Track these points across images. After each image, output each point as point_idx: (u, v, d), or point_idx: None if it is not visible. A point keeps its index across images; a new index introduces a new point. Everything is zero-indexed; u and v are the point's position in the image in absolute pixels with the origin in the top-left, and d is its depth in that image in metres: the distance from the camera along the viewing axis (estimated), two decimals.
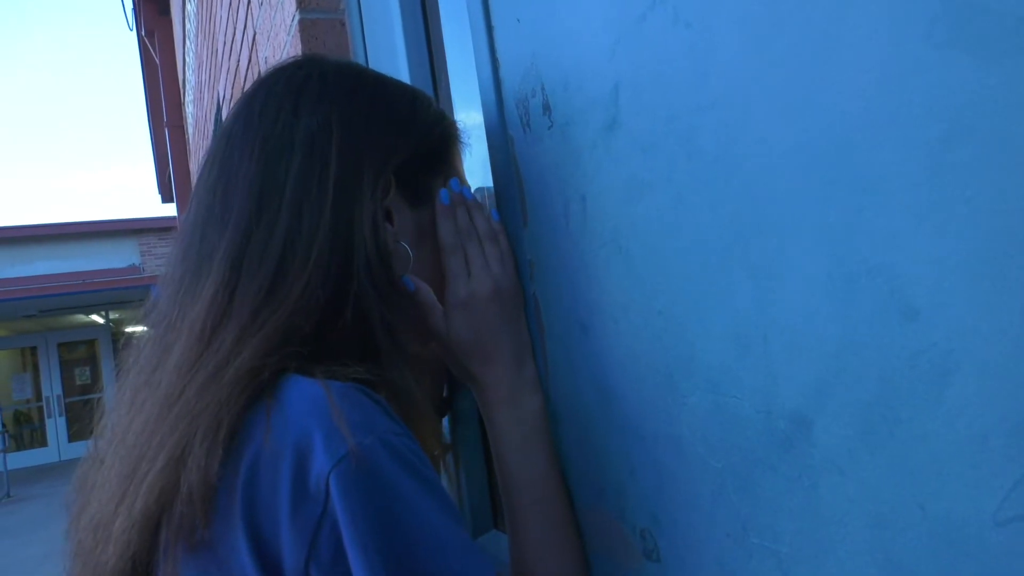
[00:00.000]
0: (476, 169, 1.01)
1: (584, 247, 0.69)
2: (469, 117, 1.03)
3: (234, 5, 2.15)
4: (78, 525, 0.60)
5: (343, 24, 1.34)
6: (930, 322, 0.39)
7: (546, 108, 0.72)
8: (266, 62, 1.64)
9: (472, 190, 1.07)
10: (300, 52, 1.32)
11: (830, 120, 0.43)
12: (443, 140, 0.72)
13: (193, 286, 0.60)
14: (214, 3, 2.60)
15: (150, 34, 8.86)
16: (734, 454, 0.54)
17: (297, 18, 1.30)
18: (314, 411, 0.51)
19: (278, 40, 1.48)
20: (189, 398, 0.54)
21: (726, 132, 0.51)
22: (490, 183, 0.86)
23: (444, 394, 0.99)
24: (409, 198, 0.68)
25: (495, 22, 0.80)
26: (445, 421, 1.02)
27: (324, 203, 0.60)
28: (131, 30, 9.18)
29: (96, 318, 15.00)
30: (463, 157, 0.78)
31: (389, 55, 1.17)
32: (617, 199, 0.63)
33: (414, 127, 0.69)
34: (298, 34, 1.31)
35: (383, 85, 0.70)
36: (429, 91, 1.10)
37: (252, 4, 1.77)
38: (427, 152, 0.70)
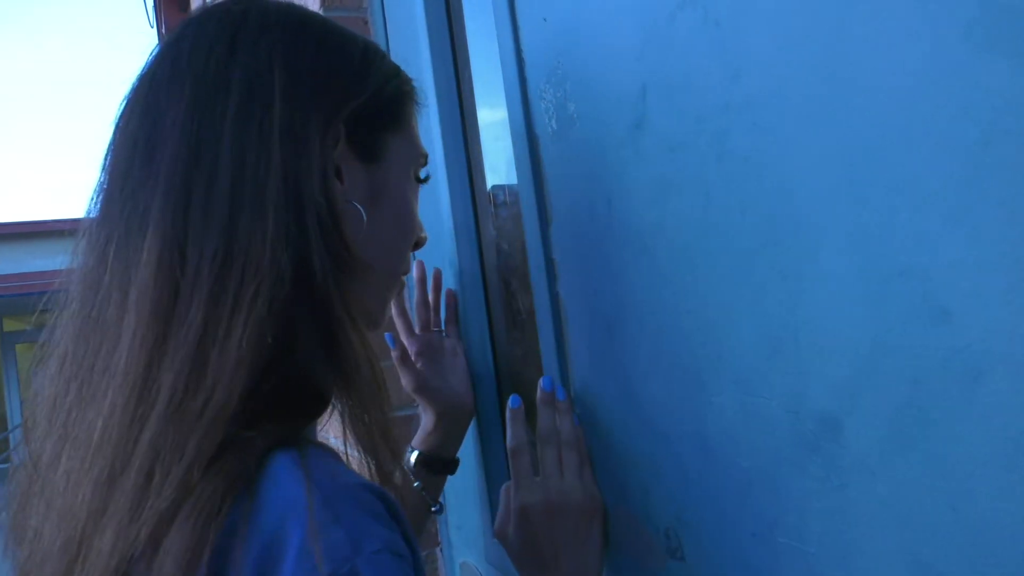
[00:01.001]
0: (499, 167, 1.02)
1: (609, 246, 0.69)
2: (493, 115, 1.04)
3: None
4: (23, 539, 0.53)
5: (366, 22, 1.35)
6: (963, 324, 0.39)
7: (572, 107, 0.72)
8: None
9: (494, 185, 1.07)
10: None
11: (864, 121, 0.43)
12: (398, 95, 0.65)
13: (124, 251, 0.52)
14: None
15: (170, 32, 8.91)
16: (761, 454, 0.54)
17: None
18: (290, 523, 0.44)
19: None
20: (176, 394, 0.47)
21: (758, 133, 0.51)
22: (514, 181, 0.86)
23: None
24: (361, 153, 0.60)
25: (520, 21, 0.80)
26: (472, 435, 1.02)
27: (270, 151, 0.52)
28: (152, 27, 9.23)
29: None
30: (419, 119, 0.71)
31: (412, 52, 1.18)
32: (644, 199, 0.64)
33: (367, 76, 0.61)
34: None
35: (332, 29, 0.62)
36: (452, 90, 1.11)
37: None
38: (381, 105, 0.62)
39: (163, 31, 9.14)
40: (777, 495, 0.53)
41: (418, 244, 0.69)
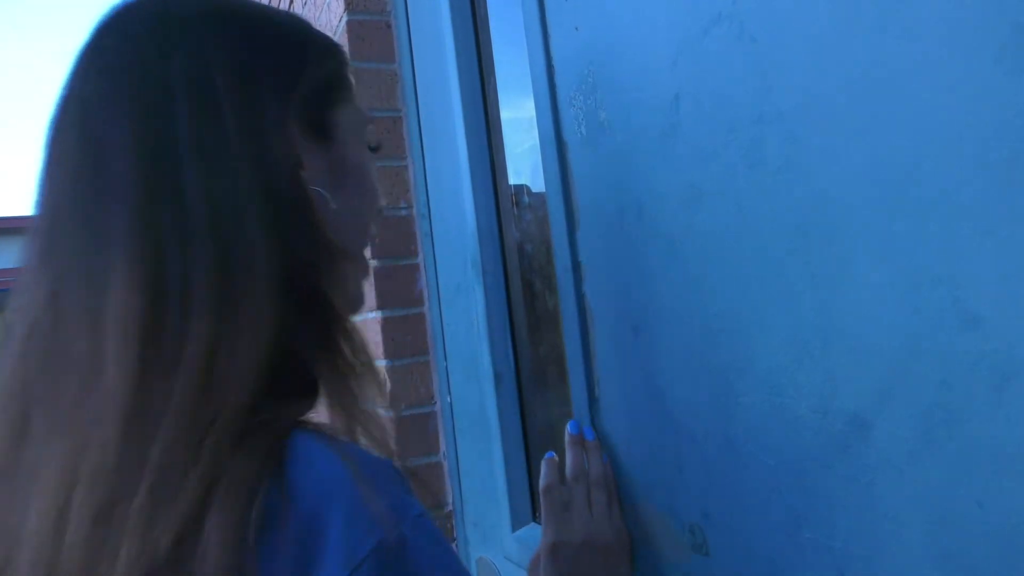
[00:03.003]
0: (525, 170, 1.04)
1: (638, 251, 0.71)
2: (519, 119, 1.06)
3: (273, 2, 2.18)
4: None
5: (389, 25, 1.37)
6: (992, 330, 0.41)
7: (603, 114, 0.74)
8: None
9: (515, 185, 1.09)
10: (347, 52, 1.35)
11: (898, 137, 0.45)
12: (336, 67, 0.62)
13: (84, 282, 0.50)
14: None
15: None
16: (789, 453, 0.56)
17: (345, 19, 1.33)
18: (329, 499, 0.45)
19: None
20: (185, 409, 0.46)
21: (791, 144, 0.53)
22: (537, 183, 0.89)
23: None
24: (315, 135, 0.58)
25: (551, 29, 0.83)
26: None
27: (231, 153, 0.51)
28: None
29: None
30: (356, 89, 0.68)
31: (437, 56, 1.20)
32: (674, 205, 0.66)
33: (304, 57, 0.59)
34: (346, 34, 1.34)
35: (255, 12, 0.59)
36: (477, 93, 1.13)
37: (295, 3, 1.80)
38: (323, 83, 0.60)
39: None
40: (804, 492, 0.55)
41: (379, 214, 0.67)
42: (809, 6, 0.50)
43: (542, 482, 0.80)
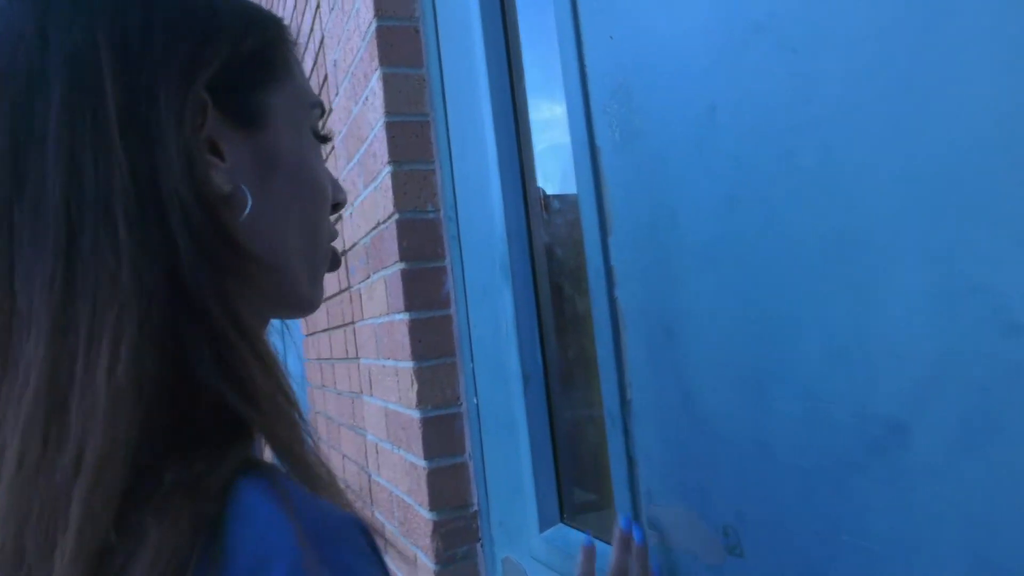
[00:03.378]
0: (555, 176, 1.05)
1: (672, 256, 0.72)
2: (549, 125, 1.07)
3: (299, 7, 2.20)
4: None
5: (417, 31, 1.39)
6: None
7: (637, 121, 0.76)
8: (335, 65, 1.69)
9: (542, 189, 1.11)
10: (375, 58, 1.37)
11: (939, 147, 0.46)
12: (264, 44, 0.54)
13: None
14: (274, 4, 2.66)
15: None
16: (825, 457, 0.57)
17: (374, 25, 1.35)
18: (268, 565, 0.38)
19: (351, 45, 1.53)
20: (30, 451, 0.40)
21: (828, 152, 0.54)
22: (566, 187, 0.90)
23: None
24: (238, 120, 0.51)
25: (585, 37, 0.84)
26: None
27: (109, 145, 0.44)
28: None
29: None
30: (300, 63, 0.60)
31: (466, 61, 1.21)
32: (710, 212, 0.67)
33: (217, 31, 0.51)
34: (374, 39, 1.36)
35: None
36: (508, 98, 1.14)
37: (321, 8, 1.82)
38: (245, 61, 0.52)
39: None
40: (840, 495, 0.56)
41: (337, 207, 0.59)
42: (849, 16, 0.51)
43: (577, 573, 0.81)
